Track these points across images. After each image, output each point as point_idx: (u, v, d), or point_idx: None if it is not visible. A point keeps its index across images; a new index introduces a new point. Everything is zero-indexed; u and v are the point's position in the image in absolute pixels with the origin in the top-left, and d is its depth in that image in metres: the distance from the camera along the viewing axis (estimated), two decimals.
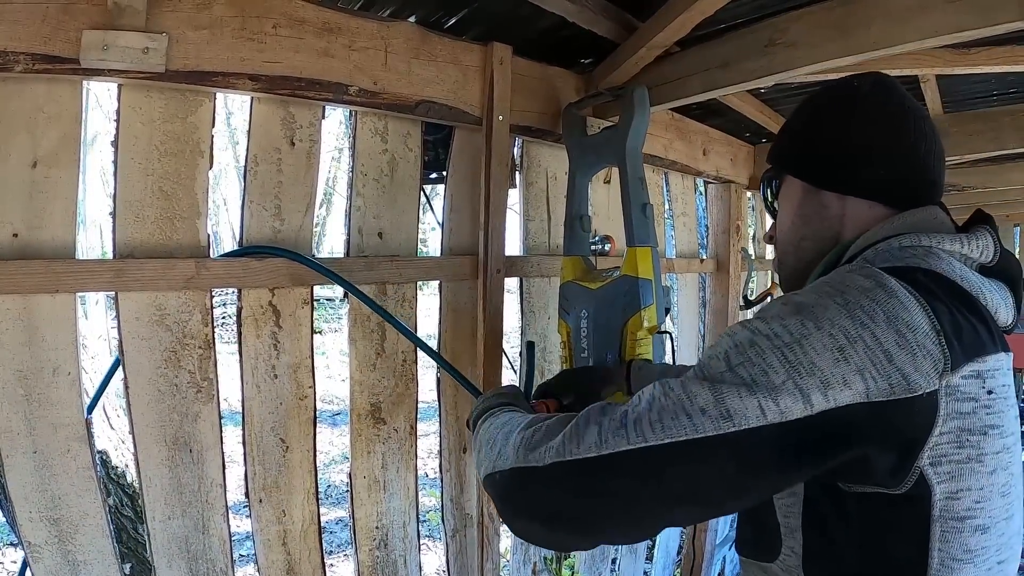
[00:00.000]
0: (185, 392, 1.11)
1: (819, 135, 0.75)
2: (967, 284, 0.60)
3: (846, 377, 0.52)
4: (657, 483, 0.55)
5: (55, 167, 0.97)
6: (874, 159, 0.70)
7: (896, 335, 0.53)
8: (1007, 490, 0.58)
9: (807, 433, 0.53)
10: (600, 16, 1.43)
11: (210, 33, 1.05)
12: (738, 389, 0.53)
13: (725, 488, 0.55)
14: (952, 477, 0.54)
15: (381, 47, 1.27)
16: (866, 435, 0.53)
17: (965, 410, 0.54)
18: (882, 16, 1.21)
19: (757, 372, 0.54)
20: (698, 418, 0.54)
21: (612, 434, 0.57)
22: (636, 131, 1.36)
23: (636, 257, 1.30)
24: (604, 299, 1.35)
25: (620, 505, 0.57)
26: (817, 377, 0.52)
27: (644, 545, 2.33)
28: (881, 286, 0.55)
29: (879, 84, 0.75)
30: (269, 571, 1.24)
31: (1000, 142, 2.17)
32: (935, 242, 0.63)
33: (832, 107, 0.76)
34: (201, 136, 1.11)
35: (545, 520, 0.62)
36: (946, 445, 0.54)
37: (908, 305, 0.54)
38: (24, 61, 0.90)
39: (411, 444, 1.46)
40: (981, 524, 0.56)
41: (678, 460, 0.54)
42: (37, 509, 0.98)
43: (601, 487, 0.57)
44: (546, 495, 0.61)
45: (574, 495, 0.59)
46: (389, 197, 1.39)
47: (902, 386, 0.52)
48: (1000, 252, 0.66)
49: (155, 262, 1.05)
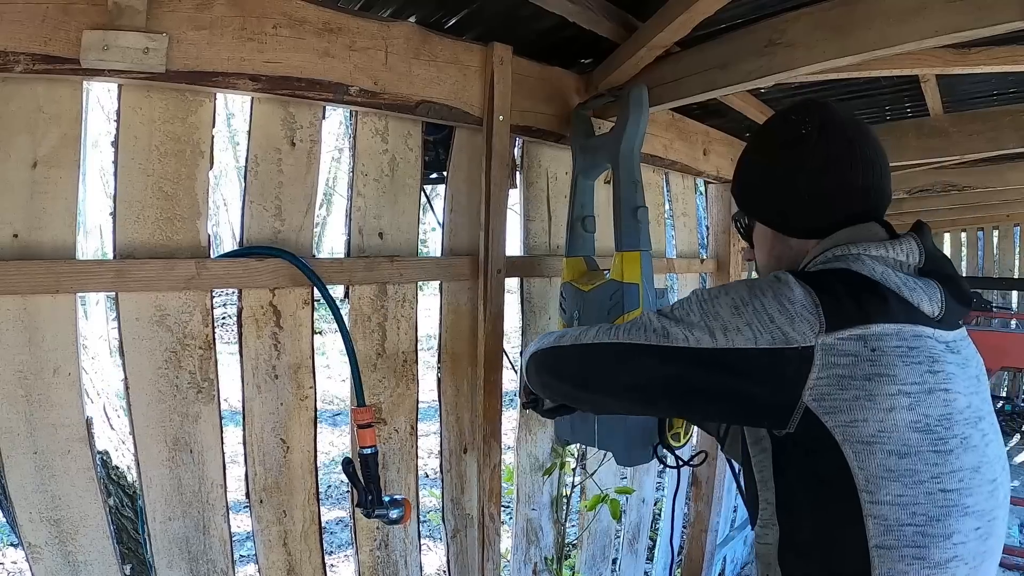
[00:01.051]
0: (186, 393, 1.11)
1: (776, 191, 0.89)
2: (884, 280, 0.75)
3: (738, 326, 0.74)
4: (621, 363, 0.83)
5: (55, 167, 0.97)
6: (829, 207, 0.85)
7: (779, 305, 0.73)
8: (925, 428, 0.70)
9: (712, 359, 0.75)
10: (600, 16, 1.43)
11: (210, 33, 1.05)
12: (674, 322, 0.80)
13: (657, 384, 0.81)
14: (840, 410, 0.70)
15: (381, 47, 1.27)
16: (757, 372, 0.73)
17: (843, 362, 0.70)
18: (881, 16, 1.20)
19: (684, 313, 0.80)
20: (649, 332, 0.81)
21: (604, 333, 0.87)
22: (631, 132, 1.36)
23: (623, 261, 1.31)
24: (593, 301, 1.37)
25: (598, 372, 0.87)
26: (719, 321, 0.76)
27: (644, 546, 2.33)
28: (777, 279, 0.76)
29: (824, 127, 0.85)
30: (270, 571, 1.24)
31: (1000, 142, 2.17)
32: (862, 249, 0.78)
33: (784, 158, 0.87)
34: (201, 136, 1.11)
35: (558, 375, 0.95)
36: (826, 387, 0.70)
37: (794, 288, 0.74)
38: (24, 61, 0.90)
39: (411, 444, 1.46)
40: (895, 450, 0.69)
41: (633, 352, 0.82)
42: (37, 510, 0.98)
43: (590, 359, 0.88)
44: (562, 361, 0.94)
45: (576, 362, 0.91)
46: (389, 197, 1.39)
47: (781, 340, 0.72)
48: (926, 255, 0.80)
49: (155, 262, 1.05)
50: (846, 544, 0.72)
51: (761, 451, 0.82)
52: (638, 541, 2.29)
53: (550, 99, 1.64)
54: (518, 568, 1.77)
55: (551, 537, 1.86)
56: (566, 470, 1.87)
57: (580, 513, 1.98)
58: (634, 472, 2.20)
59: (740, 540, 3.18)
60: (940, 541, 0.71)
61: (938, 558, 0.71)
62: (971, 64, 1.53)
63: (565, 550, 1.95)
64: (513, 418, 1.80)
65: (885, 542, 0.70)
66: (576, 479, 1.91)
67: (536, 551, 1.81)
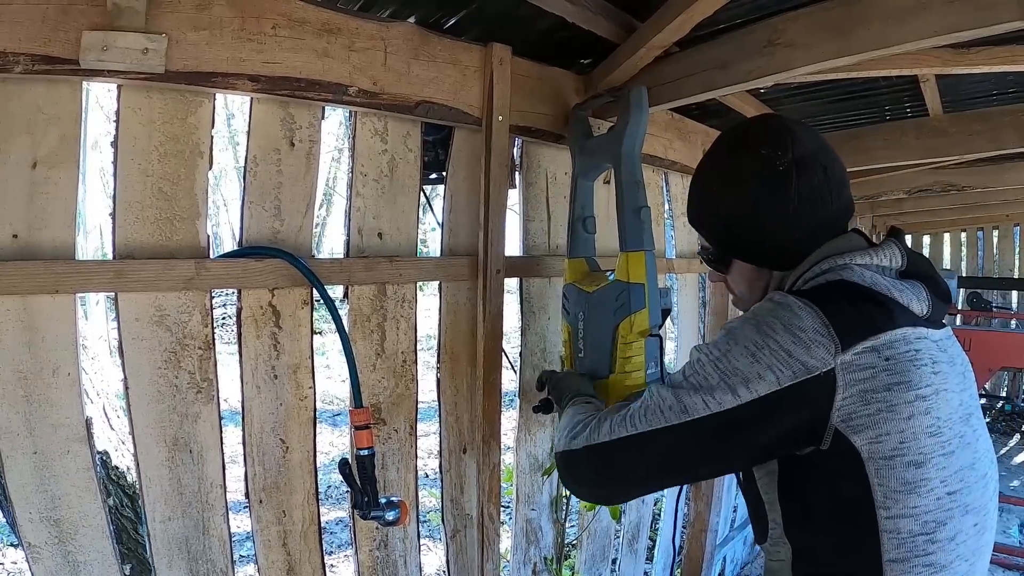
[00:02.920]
0: (185, 393, 1.11)
1: (759, 232, 0.87)
2: (876, 286, 0.76)
3: (760, 373, 0.72)
4: (645, 456, 0.80)
5: (55, 168, 0.97)
6: (814, 236, 0.84)
7: (791, 336, 0.72)
8: (935, 431, 0.72)
9: (740, 415, 0.73)
10: (599, 16, 1.43)
11: (210, 34, 1.05)
12: (689, 392, 0.77)
13: (691, 458, 0.78)
14: (866, 427, 0.70)
15: (381, 48, 1.27)
16: (785, 412, 0.72)
17: (863, 376, 0.70)
18: (880, 16, 1.20)
19: (700, 379, 0.77)
20: (667, 412, 0.77)
21: (617, 425, 0.82)
22: (632, 133, 1.36)
23: (628, 262, 1.31)
24: (597, 303, 1.36)
25: (624, 471, 0.83)
26: (739, 376, 0.73)
27: (644, 546, 2.33)
28: (780, 304, 0.75)
29: (799, 163, 0.83)
30: (269, 571, 1.24)
31: (999, 142, 2.17)
32: (848, 259, 0.79)
33: (764, 200, 0.85)
34: (201, 137, 1.11)
35: (583, 482, 0.90)
36: (852, 405, 0.70)
37: (800, 314, 0.73)
38: (24, 62, 0.90)
39: (411, 444, 1.46)
40: (913, 460, 0.70)
41: (657, 439, 0.78)
42: (37, 510, 0.98)
43: (611, 461, 0.83)
44: (580, 467, 0.88)
45: (596, 466, 0.85)
46: (389, 197, 1.39)
47: (802, 372, 0.71)
48: (908, 258, 0.82)
49: (155, 263, 1.05)
50: (861, 560, 0.73)
51: (767, 473, 0.82)
52: (638, 541, 2.29)
53: (549, 99, 1.64)
54: (517, 568, 1.77)
55: (551, 537, 1.86)
56: None
57: (580, 513, 1.98)
58: None
59: (740, 540, 3.18)
60: (946, 544, 0.72)
61: (943, 561, 0.72)
62: (970, 64, 1.53)
63: (565, 550, 1.95)
64: (512, 418, 1.80)
65: (898, 555, 0.71)
66: None
67: (536, 551, 1.81)
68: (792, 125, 0.87)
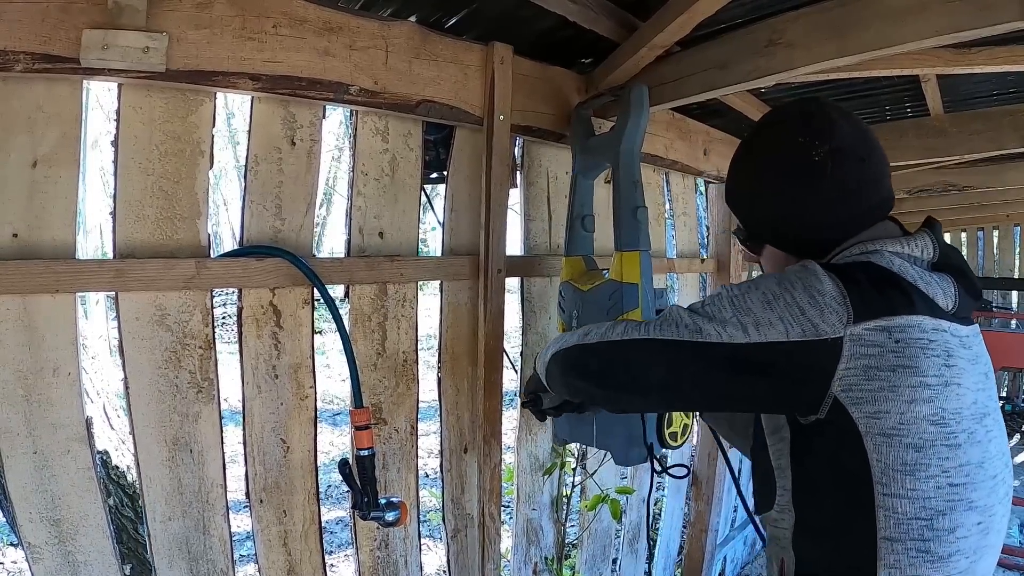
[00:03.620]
0: (186, 392, 1.11)
1: (792, 222, 0.88)
2: (903, 273, 0.77)
3: (771, 320, 0.75)
4: (652, 360, 0.83)
5: (55, 167, 0.97)
6: (845, 227, 0.85)
7: (808, 297, 0.74)
8: (939, 420, 0.72)
9: (745, 354, 0.76)
10: (601, 16, 1.43)
11: (211, 33, 1.05)
12: (704, 318, 0.80)
13: (692, 378, 0.81)
14: (865, 401, 0.72)
15: (382, 47, 1.27)
16: (788, 365, 0.74)
17: (870, 352, 0.72)
18: (880, 16, 1.20)
19: (716, 311, 0.80)
20: (681, 328, 0.81)
21: (633, 329, 0.86)
22: (631, 132, 1.35)
23: (622, 261, 1.31)
24: (592, 301, 1.36)
25: (629, 368, 0.86)
26: (752, 317, 0.76)
27: (643, 545, 2.33)
28: (805, 268, 0.78)
29: (835, 153, 0.83)
30: (270, 571, 1.24)
31: (1000, 142, 2.17)
32: (880, 245, 0.80)
33: (798, 190, 0.85)
34: (201, 136, 1.11)
35: (585, 374, 0.92)
36: (854, 377, 0.72)
37: (822, 279, 0.75)
38: (24, 60, 0.90)
39: (412, 444, 1.45)
40: (912, 443, 0.72)
41: (666, 349, 0.81)
42: (37, 510, 0.97)
43: (620, 356, 0.86)
44: (590, 359, 0.91)
45: (606, 359, 0.88)
46: (390, 197, 1.38)
47: (812, 331, 0.73)
48: (940, 250, 0.82)
49: (155, 262, 1.05)
50: (856, 533, 0.74)
51: (780, 440, 0.84)
52: (638, 541, 2.29)
53: (550, 99, 1.64)
54: (518, 568, 1.77)
55: (551, 537, 1.86)
56: (566, 470, 1.87)
57: (580, 513, 1.98)
58: (634, 472, 2.20)
59: (740, 540, 3.18)
60: (944, 535, 0.72)
61: (941, 552, 0.72)
62: (971, 64, 1.53)
63: (565, 550, 1.95)
64: (513, 418, 1.80)
65: (893, 534, 0.72)
66: (576, 479, 1.91)
67: (536, 551, 1.81)
68: (833, 113, 0.86)
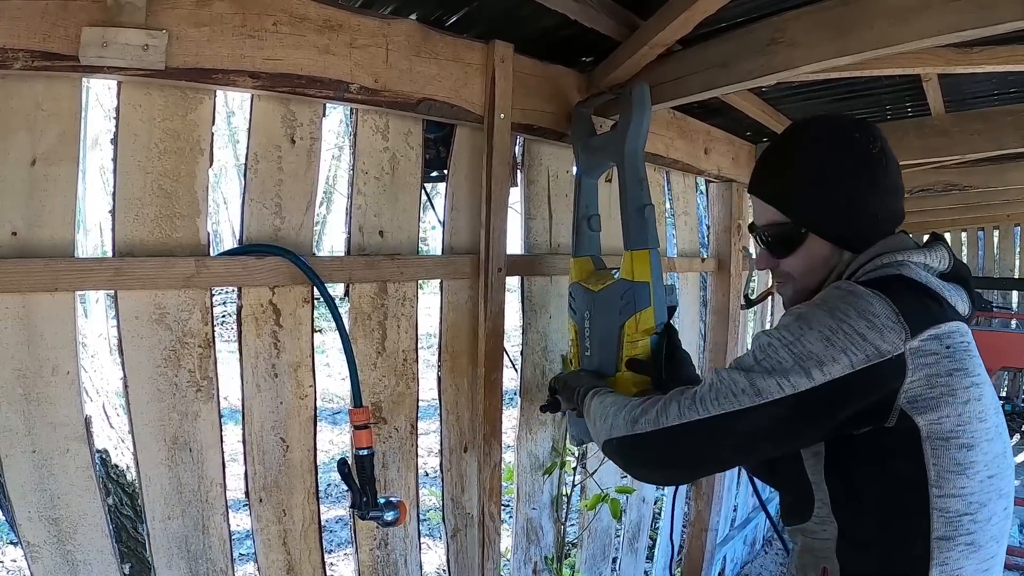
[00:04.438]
0: (185, 391, 1.11)
1: (842, 207, 0.89)
2: (930, 284, 0.82)
3: (834, 356, 0.75)
4: (716, 438, 0.82)
5: (54, 165, 0.97)
6: (886, 224, 0.90)
7: (866, 321, 0.75)
8: (983, 416, 0.77)
9: (814, 397, 0.75)
10: (602, 14, 1.43)
11: (210, 30, 1.04)
12: (763, 375, 0.78)
13: (762, 439, 0.80)
14: (930, 408, 0.75)
15: (382, 45, 1.26)
16: (857, 394, 0.75)
17: (929, 361, 0.75)
18: (882, 15, 1.20)
19: (774, 362, 0.78)
20: (740, 396, 0.79)
21: (687, 408, 0.83)
22: (635, 131, 1.35)
23: (632, 261, 1.31)
24: (603, 301, 1.36)
25: (694, 454, 0.85)
26: (814, 359, 0.76)
27: (644, 545, 2.33)
28: (851, 292, 0.79)
29: (885, 151, 0.89)
30: (269, 570, 1.24)
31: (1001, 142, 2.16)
32: (905, 256, 0.84)
33: (862, 177, 0.89)
34: (201, 134, 1.10)
35: (649, 466, 0.92)
36: (918, 388, 0.75)
37: (872, 301, 0.77)
38: (23, 58, 0.90)
39: (411, 443, 1.45)
40: (965, 443, 0.75)
41: (729, 422, 0.79)
42: (36, 508, 0.97)
43: (681, 443, 0.84)
44: (648, 451, 0.89)
45: (666, 449, 0.87)
46: (390, 195, 1.38)
47: (876, 354, 0.74)
48: (953, 261, 0.88)
49: (155, 260, 1.04)
50: (911, 537, 0.77)
51: (813, 455, 0.86)
52: (638, 540, 2.29)
53: (551, 97, 1.64)
54: (518, 567, 1.77)
55: (551, 536, 1.86)
56: (566, 469, 1.87)
57: (580, 512, 1.98)
58: None
59: (740, 540, 3.18)
60: (984, 525, 0.77)
61: (981, 541, 0.77)
62: (973, 64, 1.53)
63: (565, 549, 1.95)
64: (513, 417, 1.80)
65: (945, 533, 0.76)
66: (576, 478, 1.91)
67: (536, 550, 1.81)
68: (873, 123, 0.93)
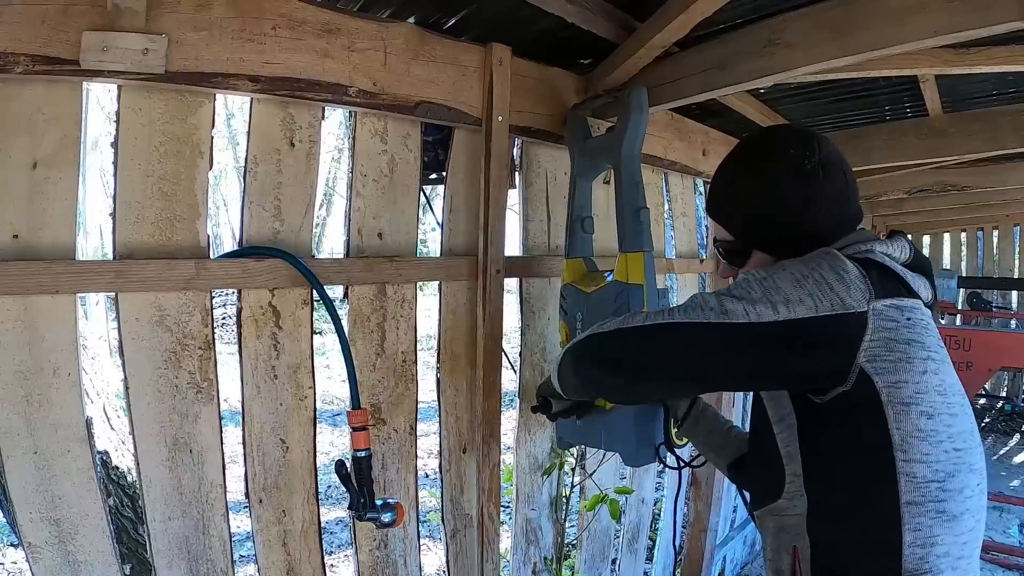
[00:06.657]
0: (185, 393, 1.11)
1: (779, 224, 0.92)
2: (895, 268, 0.85)
3: (800, 297, 0.77)
4: (676, 344, 0.83)
5: (55, 168, 0.97)
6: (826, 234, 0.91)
7: (835, 274, 0.79)
8: (942, 391, 0.80)
9: (774, 331, 0.78)
10: (599, 17, 1.44)
11: (210, 34, 1.05)
12: (731, 299, 0.80)
13: (719, 360, 0.82)
14: (888, 371, 0.77)
15: (380, 48, 1.27)
16: (816, 341, 0.78)
17: (889, 326, 0.78)
18: (880, 16, 1.21)
19: (743, 291, 0.81)
20: (707, 311, 0.81)
21: (655, 315, 0.86)
22: (632, 134, 1.36)
23: (627, 263, 1.31)
24: (597, 303, 1.36)
25: (652, 354, 0.85)
26: (781, 295, 0.78)
27: (644, 546, 2.33)
28: (828, 252, 0.82)
29: (824, 163, 0.91)
30: (269, 571, 1.24)
31: (999, 142, 2.17)
32: (870, 246, 0.87)
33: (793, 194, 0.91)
34: (201, 137, 1.11)
35: (601, 362, 0.90)
36: (877, 348, 0.77)
37: (846, 262, 0.80)
38: (24, 62, 0.90)
39: (411, 444, 1.46)
40: (925, 411, 0.78)
41: (691, 332, 0.81)
42: (37, 509, 0.98)
43: (642, 342, 0.85)
44: (608, 346, 0.88)
45: (625, 345, 0.86)
46: (389, 198, 1.39)
47: (840, 305, 0.77)
48: (913, 253, 0.90)
49: (155, 263, 1.05)
50: (880, 503, 0.79)
51: (787, 427, 0.87)
52: (637, 541, 2.29)
53: (549, 100, 1.64)
54: (517, 568, 1.77)
55: (550, 537, 1.86)
56: (565, 470, 1.87)
57: (580, 513, 1.98)
58: (634, 472, 2.20)
59: (740, 540, 3.18)
60: (955, 495, 0.79)
61: (954, 511, 0.79)
62: (970, 64, 1.54)
63: (564, 550, 1.95)
64: (512, 418, 1.80)
65: (914, 499, 0.77)
66: (575, 479, 1.91)
67: (535, 551, 1.82)
68: (811, 134, 0.94)
